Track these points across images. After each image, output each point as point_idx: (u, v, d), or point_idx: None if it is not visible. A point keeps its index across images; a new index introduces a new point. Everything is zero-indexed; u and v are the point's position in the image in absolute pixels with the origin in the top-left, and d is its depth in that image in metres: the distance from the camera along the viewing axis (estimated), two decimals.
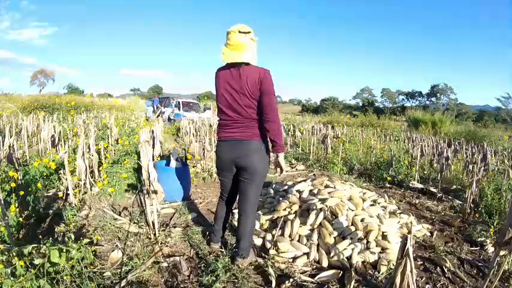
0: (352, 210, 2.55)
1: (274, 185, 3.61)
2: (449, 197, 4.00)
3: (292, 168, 5.58)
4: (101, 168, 3.52)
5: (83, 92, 39.75)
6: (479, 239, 2.71)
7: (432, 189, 4.22)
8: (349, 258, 2.17)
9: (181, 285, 1.85)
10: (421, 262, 2.29)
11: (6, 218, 1.81)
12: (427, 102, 49.35)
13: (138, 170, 3.78)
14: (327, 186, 3.05)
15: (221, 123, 2.05)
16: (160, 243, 2.32)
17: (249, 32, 1.90)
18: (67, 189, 2.79)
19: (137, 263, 1.99)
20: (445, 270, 2.16)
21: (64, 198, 2.84)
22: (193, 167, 4.46)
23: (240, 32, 1.88)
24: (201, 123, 10.25)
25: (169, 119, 14.02)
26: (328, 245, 2.25)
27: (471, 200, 3.19)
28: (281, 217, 2.61)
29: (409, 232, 1.29)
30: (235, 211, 3.01)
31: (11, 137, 4.03)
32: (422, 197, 4.07)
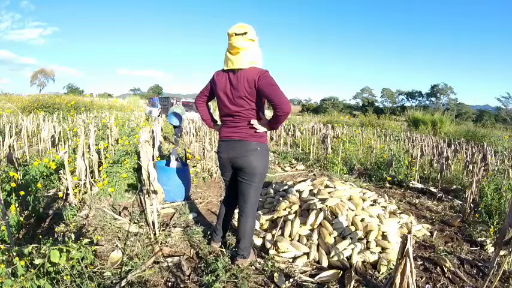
0: (352, 210, 2.55)
1: (274, 185, 3.61)
2: (449, 197, 4.00)
3: (292, 168, 5.58)
4: (100, 168, 3.52)
5: (82, 91, 39.79)
6: (479, 239, 2.71)
7: (432, 189, 4.22)
8: (349, 258, 2.17)
9: (182, 285, 1.85)
10: (421, 262, 2.29)
11: (7, 218, 1.81)
12: (427, 102, 49.38)
13: (138, 170, 3.78)
14: (327, 186, 3.05)
15: (222, 123, 2.08)
16: (161, 243, 2.32)
17: (246, 33, 1.86)
18: (67, 189, 2.79)
19: (137, 263, 1.99)
20: (445, 270, 2.16)
21: (64, 198, 2.84)
22: (193, 167, 4.46)
23: (236, 34, 1.86)
24: (201, 123, 10.26)
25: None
26: (328, 245, 2.25)
27: (471, 200, 3.19)
28: (281, 217, 2.61)
29: (409, 232, 1.29)
30: (236, 211, 3.03)
31: (11, 137, 4.03)
32: (422, 197, 4.07)
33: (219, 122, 2.19)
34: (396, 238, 2.35)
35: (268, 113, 2.53)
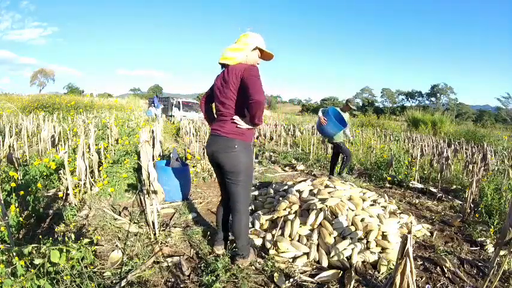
0: (352, 210, 2.55)
1: (274, 185, 3.61)
2: (449, 197, 4.00)
3: (292, 168, 5.58)
4: (100, 168, 3.52)
5: (82, 91, 39.75)
6: (479, 239, 2.71)
7: (432, 189, 4.23)
8: (349, 258, 2.17)
9: (182, 285, 1.85)
10: (421, 262, 2.29)
11: (6, 218, 1.81)
12: (427, 102, 49.42)
13: (138, 170, 3.78)
14: (327, 186, 3.05)
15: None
16: (161, 243, 2.32)
17: (244, 38, 1.98)
18: (67, 189, 2.79)
19: (137, 263, 1.99)
20: (445, 270, 2.16)
21: (64, 198, 2.84)
22: (193, 167, 4.46)
23: (239, 38, 2.00)
24: (201, 123, 10.26)
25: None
26: (328, 245, 2.25)
27: (471, 200, 3.19)
28: (281, 217, 2.61)
29: (409, 232, 1.29)
30: None
31: (11, 137, 4.03)
32: (422, 197, 4.07)
33: None
34: (396, 238, 2.35)
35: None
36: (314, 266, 2.17)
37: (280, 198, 2.96)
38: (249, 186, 2.07)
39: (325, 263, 2.16)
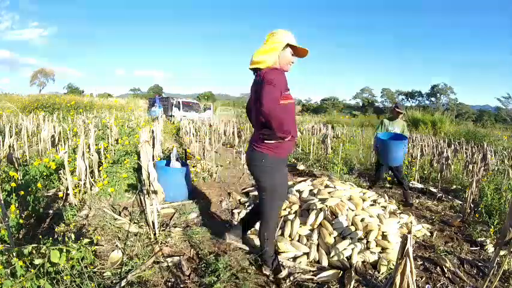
0: (352, 210, 2.55)
1: None
2: (449, 197, 4.00)
3: (292, 168, 5.57)
4: (100, 168, 3.52)
5: (82, 92, 39.70)
6: (479, 239, 2.71)
7: (432, 189, 4.23)
8: (349, 258, 2.17)
9: (182, 285, 1.85)
10: (421, 262, 2.29)
11: (6, 218, 1.81)
12: (427, 102, 49.35)
13: (138, 170, 3.77)
14: (327, 186, 3.05)
15: None
16: (161, 243, 2.32)
17: (270, 36, 1.79)
18: (67, 189, 2.79)
19: (137, 263, 1.99)
20: (445, 270, 2.17)
21: (64, 198, 2.84)
22: (193, 167, 4.46)
23: (267, 38, 1.82)
24: (201, 123, 10.27)
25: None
26: (328, 245, 2.25)
27: (471, 200, 3.19)
28: (281, 217, 2.61)
29: (409, 232, 1.29)
30: (235, 211, 3.03)
31: (11, 137, 4.03)
32: (422, 197, 4.07)
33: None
34: (396, 238, 2.35)
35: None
36: (314, 266, 2.17)
37: None
38: (273, 206, 1.94)
39: (325, 263, 2.16)
